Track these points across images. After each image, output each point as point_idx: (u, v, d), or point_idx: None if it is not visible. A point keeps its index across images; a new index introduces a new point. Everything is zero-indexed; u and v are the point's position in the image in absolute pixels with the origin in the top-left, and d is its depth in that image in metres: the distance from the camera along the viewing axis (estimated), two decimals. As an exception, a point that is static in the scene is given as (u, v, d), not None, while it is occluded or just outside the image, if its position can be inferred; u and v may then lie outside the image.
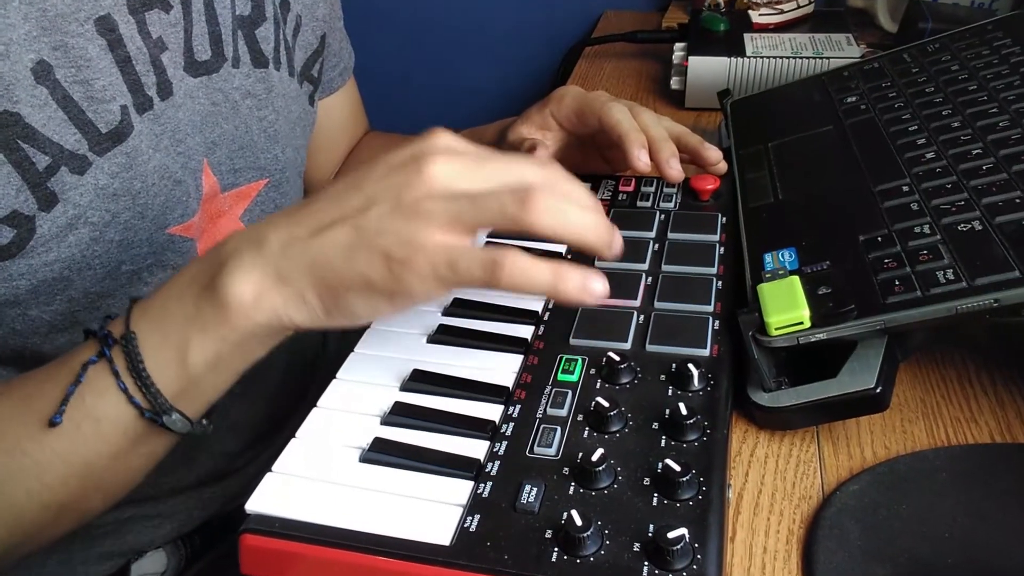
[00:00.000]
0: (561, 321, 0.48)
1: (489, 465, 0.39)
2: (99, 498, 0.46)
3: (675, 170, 0.57)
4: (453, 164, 0.39)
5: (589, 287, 0.38)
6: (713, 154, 0.60)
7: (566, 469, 0.38)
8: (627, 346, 0.46)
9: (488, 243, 0.53)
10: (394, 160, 0.40)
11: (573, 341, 0.47)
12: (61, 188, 0.49)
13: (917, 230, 0.45)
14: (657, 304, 0.49)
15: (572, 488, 0.37)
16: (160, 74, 0.54)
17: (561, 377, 0.44)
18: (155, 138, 0.53)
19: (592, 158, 0.66)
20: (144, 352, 0.42)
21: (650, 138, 0.58)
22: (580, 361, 0.45)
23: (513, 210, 0.37)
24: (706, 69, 0.84)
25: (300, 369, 0.75)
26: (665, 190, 0.60)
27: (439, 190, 0.38)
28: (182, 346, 0.41)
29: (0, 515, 0.43)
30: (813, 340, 0.42)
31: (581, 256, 0.54)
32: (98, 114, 0.50)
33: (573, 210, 0.38)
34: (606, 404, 0.41)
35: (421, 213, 0.38)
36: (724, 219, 0.56)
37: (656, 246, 0.54)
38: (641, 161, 0.56)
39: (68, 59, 0.48)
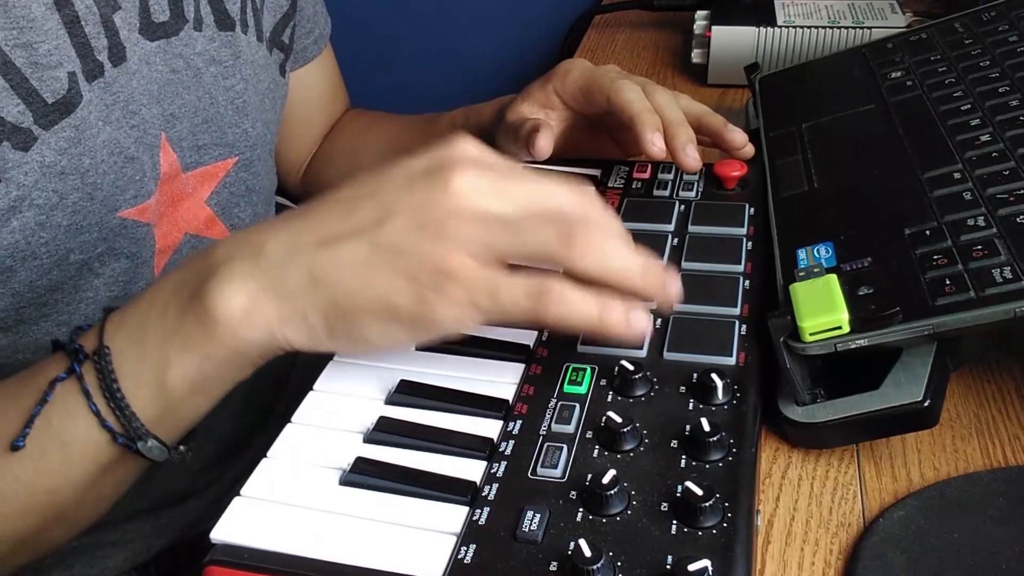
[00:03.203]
0: (568, 325, 0.48)
1: (486, 488, 0.39)
2: (60, 530, 0.46)
3: (691, 158, 0.57)
4: (481, 180, 0.39)
5: (633, 323, 0.39)
6: (738, 137, 0.60)
7: (573, 493, 0.38)
8: (642, 354, 0.46)
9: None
10: (414, 168, 0.41)
11: (581, 348, 0.47)
12: (3, 166, 0.49)
13: (970, 222, 0.45)
14: (676, 306, 0.49)
15: (580, 514, 0.37)
16: (112, 36, 0.54)
17: (567, 389, 0.44)
18: (106, 109, 0.53)
19: (601, 140, 0.66)
20: (119, 371, 0.41)
21: (665, 121, 0.57)
22: (589, 371, 0.45)
23: (556, 247, 0.38)
24: (731, 40, 0.84)
25: (268, 381, 0.75)
26: (686, 177, 0.60)
27: (467, 210, 0.39)
28: (161, 365, 0.41)
29: None
30: (853, 347, 0.42)
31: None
32: (43, 82, 0.50)
33: (620, 251, 0.39)
34: (618, 419, 0.40)
35: (450, 235, 0.38)
36: (752, 210, 0.56)
37: (675, 240, 0.54)
38: (655, 146, 0.56)
39: (9, 20, 0.48)
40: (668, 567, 0.35)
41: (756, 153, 0.61)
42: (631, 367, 0.44)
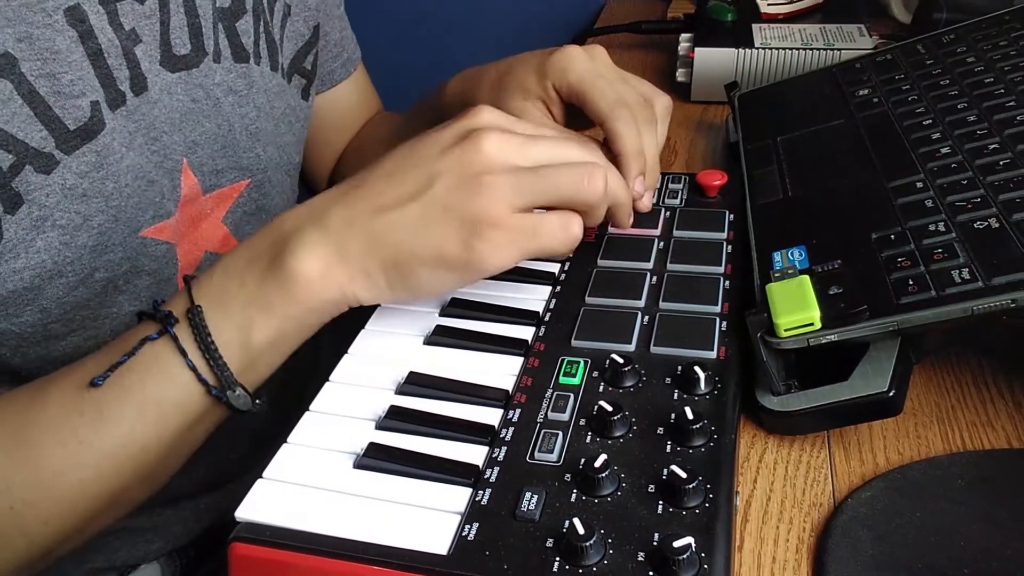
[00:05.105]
0: (562, 322, 0.48)
1: (488, 471, 0.39)
2: (143, 489, 0.46)
3: (644, 205, 0.54)
4: (507, 141, 0.43)
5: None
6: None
7: (568, 476, 0.38)
8: (631, 348, 0.46)
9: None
10: (445, 138, 0.44)
11: (575, 343, 0.47)
12: (26, 189, 0.48)
13: (932, 228, 0.45)
14: (662, 304, 0.49)
15: (574, 495, 0.37)
16: (134, 68, 0.53)
17: (563, 380, 0.44)
18: (129, 136, 0.53)
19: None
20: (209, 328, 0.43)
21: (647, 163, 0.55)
22: (582, 363, 0.45)
23: (574, 187, 0.44)
24: (713, 61, 0.84)
25: (301, 374, 0.75)
26: (671, 186, 0.60)
27: (498, 165, 0.42)
28: (245, 325, 0.43)
29: (57, 506, 0.43)
30: (824, 342, 0.42)
31: (580, 259, 0.54)
32: (66, 110, 0.49)
33: (616, 184, 0.48)
34: (609, 408, 0.40)
35: (488, 188, 0.42)
36: (732, 216, 0.56)
37: (661, 244, 0.54)
38: (635, 190, 0.53)
39: (34, 51, 0.47)
40: (655, 543, 0.34)
41: (735, 164, 0.61)
42: (621, 360, 0.44)
